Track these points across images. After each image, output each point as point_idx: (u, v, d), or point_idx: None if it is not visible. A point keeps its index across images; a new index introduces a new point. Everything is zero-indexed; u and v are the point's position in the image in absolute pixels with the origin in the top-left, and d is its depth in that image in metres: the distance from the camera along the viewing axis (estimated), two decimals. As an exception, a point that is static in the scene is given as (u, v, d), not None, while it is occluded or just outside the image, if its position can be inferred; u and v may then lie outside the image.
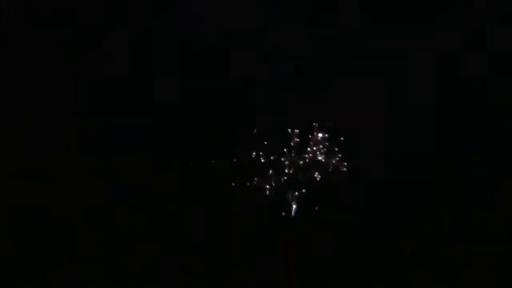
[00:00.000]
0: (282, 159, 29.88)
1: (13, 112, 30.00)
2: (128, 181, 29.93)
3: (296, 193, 29.58)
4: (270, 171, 29.90)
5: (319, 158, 29.86)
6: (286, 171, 29.80)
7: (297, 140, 29.87)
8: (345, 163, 29.73)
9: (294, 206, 29.61)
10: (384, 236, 28.55)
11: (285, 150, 29.65)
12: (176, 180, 30.21)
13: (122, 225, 28.85)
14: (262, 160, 30.12)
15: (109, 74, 31.46)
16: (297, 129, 29.74)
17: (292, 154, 29.81)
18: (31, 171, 29.28)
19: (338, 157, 29.73)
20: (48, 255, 27.34)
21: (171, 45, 31.93)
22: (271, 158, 29.89)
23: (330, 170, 29.91)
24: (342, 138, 29.78)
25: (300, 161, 29.94)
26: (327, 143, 29.95)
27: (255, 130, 30.47)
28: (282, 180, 29.62)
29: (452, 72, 30.96)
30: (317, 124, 29.91)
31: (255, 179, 29.78)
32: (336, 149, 29.80)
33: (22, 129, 29.79)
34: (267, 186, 29.70)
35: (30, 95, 30.51)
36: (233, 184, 29.94)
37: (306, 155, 29.90)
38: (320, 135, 29.96)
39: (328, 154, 29.94)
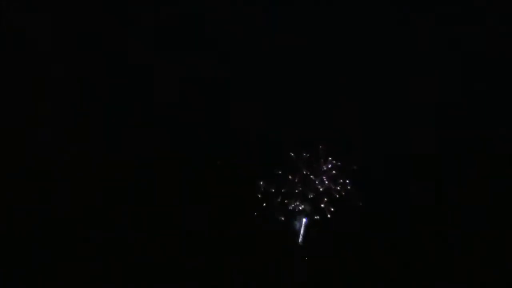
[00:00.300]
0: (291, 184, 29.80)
1: (13, 112, 29.86)
2: (128, 182, 29.89)
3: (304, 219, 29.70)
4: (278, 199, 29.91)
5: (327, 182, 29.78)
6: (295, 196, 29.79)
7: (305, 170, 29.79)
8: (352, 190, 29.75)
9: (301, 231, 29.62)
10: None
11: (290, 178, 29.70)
12: (178, 193, 30.18)
13: (122, 225, 28.74)
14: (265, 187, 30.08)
15: (110, 73, 31.41)
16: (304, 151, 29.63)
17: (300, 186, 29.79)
18: (31, 171, 29.15)
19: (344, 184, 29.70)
20: (48, 255, 27.21)
21: (171, 44, 31.91)
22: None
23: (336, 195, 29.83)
24: (355, 167, 29.75)
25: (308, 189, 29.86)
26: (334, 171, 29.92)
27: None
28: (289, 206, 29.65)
29: (451, 74, 31.05)
30: (323, 148, 29.75)
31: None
32: (345, 179, 29.76)
33: (22, 129, 29.65)
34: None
35: (30, 95, 30.38)
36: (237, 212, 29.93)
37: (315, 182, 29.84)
38: (329, 164, 29.87)
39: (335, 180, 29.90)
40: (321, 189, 29.68)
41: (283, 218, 29.72)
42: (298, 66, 31.61)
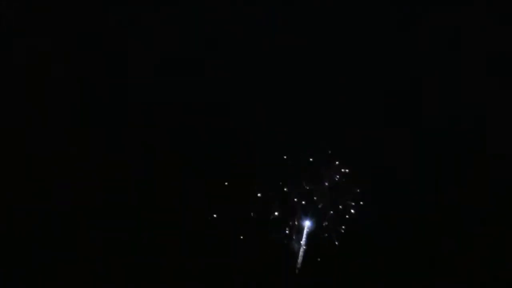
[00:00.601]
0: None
1: (13, 112, 29.89)
2: (128, 182, 29.91)
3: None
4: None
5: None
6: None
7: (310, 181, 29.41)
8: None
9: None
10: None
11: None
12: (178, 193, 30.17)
13: (122, 225, 28.76)
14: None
15: (110, 73, 31.43)
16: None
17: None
18: (31, 171, 29.17)
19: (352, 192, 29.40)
20: (48, 255, 27.24)
21: (169, 44, 31.93)
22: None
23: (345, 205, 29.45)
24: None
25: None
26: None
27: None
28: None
29: (451, 73, 31.05)
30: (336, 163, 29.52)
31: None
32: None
33: (22, 129, 29.68)
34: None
35: (31, 95, 30.41)
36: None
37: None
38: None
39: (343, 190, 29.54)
40: (320, 206, 29.18)
41: (285, 241, 29.25)
42: (298, 66, 31.59)
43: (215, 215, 29.27)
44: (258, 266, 28.62)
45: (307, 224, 28.74)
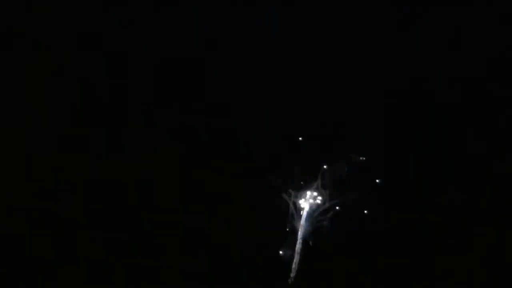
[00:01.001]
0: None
1: (13, 112, 29.92)
2: (128, 182, 29.93)
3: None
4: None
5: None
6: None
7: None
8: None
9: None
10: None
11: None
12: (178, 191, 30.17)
13: (123, 224, 28.79)
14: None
15: (110, 73, 31.46)
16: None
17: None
18: (31, 171, 29.19)
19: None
20: (49, 255, 27.27)
21: (169, 44, 31.96)
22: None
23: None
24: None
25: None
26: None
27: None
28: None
29: (450, 73, 31.07)
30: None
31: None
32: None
33: (22, 129, 29.71)
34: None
35: (31, 95, 30.44)
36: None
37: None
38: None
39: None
40: (319, 203, 29.05)
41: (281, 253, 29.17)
42: (298, 66, 31.60)
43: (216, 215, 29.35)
44: (257, 266, 28.67)
45: (302, 222, 28.91)
